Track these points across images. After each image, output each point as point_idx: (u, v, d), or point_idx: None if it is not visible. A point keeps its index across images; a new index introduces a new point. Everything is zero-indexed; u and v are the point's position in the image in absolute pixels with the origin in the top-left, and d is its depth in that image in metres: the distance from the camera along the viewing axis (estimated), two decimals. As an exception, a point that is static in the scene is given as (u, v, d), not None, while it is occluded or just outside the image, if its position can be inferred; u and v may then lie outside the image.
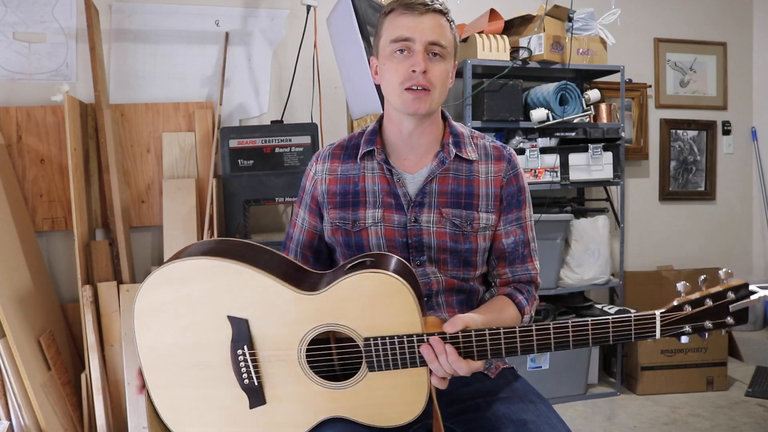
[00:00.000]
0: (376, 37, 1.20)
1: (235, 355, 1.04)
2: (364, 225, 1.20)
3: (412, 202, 1.19)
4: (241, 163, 2.53)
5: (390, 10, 1.16)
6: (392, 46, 1.13)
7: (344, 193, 1.23)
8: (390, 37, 1.14)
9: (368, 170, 1.23)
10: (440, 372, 0.99)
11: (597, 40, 2.93)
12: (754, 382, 3.04)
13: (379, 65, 1.19)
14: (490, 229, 1.21)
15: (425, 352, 0.98)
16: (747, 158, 3.81)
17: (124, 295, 2.41)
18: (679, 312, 0.96)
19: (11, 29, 2.59)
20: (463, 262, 1.20)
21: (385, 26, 1.16)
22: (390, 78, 1.15)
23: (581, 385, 2.94)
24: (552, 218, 2.80)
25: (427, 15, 1.12)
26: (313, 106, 2.84)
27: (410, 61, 1.12)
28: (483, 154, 1.23)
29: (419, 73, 1.11)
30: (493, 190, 1.21)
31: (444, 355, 0.98)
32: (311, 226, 1.29)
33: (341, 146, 1.28)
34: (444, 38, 1.14)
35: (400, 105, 1.15)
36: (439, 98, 1.16)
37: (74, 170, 2.36)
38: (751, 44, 3.80)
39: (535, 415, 1.08)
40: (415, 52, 1.11)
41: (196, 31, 2.80)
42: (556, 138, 2.90)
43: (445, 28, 1.15)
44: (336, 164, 1.26)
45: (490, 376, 1.19)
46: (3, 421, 2.18)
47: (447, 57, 1.15)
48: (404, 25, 1.12)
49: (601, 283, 2.99)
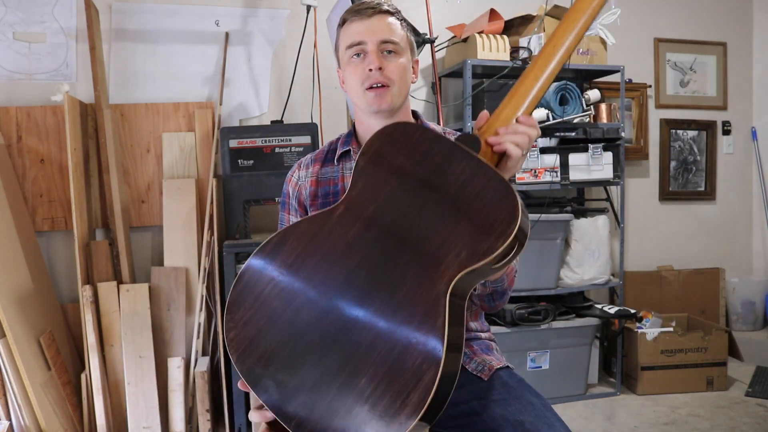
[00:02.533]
0: (336, 50, 1.28)
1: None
2: None
3: None
4: (241, 163, 2.53)
5: (343, 21, 1.24)
6: (348, 52, 1.21)
7: (325, 194, 1.28)
8: (345, 44, 1.22)
9: (346, 170, 1.28)
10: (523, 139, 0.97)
11: (597, 40, 2.93)
12: (754, 382, 3.04)
13: (342, 74, 1.26)
14: None
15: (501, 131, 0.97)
16: (747, 158, 3.81)
17: (124, 295, 2.41)
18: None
19: (11, 29, 2.59)
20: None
21: (341, 36, 1.24)
22: (351, 82, 1.22)
23: (581, 385, 2.94)
24: (552, 218, 2.80)
25: (375, 17, 1.20)
26: (313, 106, 2.84)
27: (365, 62, 1.19)
28: None
29: (375, 71, 1.18)
30: None
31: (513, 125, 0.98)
32: None
33: (322, 152, 1.34)
34: (394, 35, 1.20)
35: (364, 105, 1.22)
36: (400, 92, 1.22)
37: (74, 170, 2.36)
38: (751, 44, 3.79)
39: (533, 416, 1.07)
40: (369, 53, 1.19)
41: (196, 31, 2.80)
42: (556, 138, 2.90)
43: (395, 25, 1.22)
44: (317, 167, 1.31)
45: (483, 378, 1.18)
46: (3, 421, 2.18)
47: (401, 52, 1.22)
48: (356, 30, 1.20)
49: (601, 283, 2.99)
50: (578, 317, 2.90)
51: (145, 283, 2.47)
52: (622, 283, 3.06)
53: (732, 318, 3.64)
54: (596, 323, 2.93)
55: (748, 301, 3.61)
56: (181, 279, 2.53)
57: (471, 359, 1.20)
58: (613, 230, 3.15)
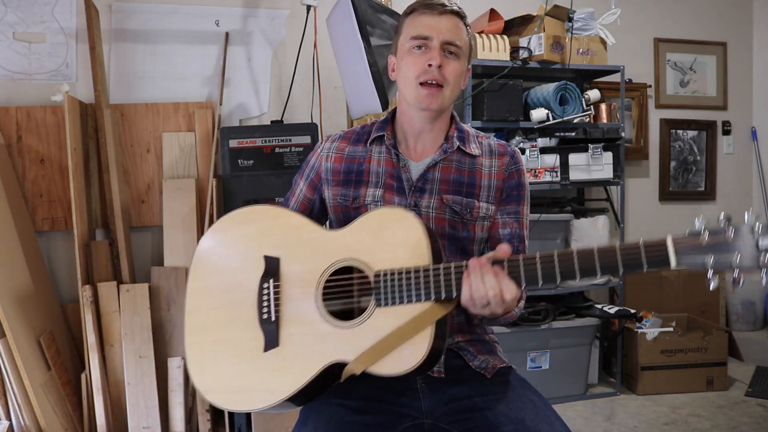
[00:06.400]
0: (396, 35, 1.27)
1: (260, 290, 1.11)
2: (364, 202, 1.24)
3: (414, 186, 1.23)
4: (241, 163, 2.53)
5: (411, 10, 1.23)
6: (411, 43, 1.20)
7: (348, 172, 1.28)
8: (410, 34, 1.20)
9: (375, 153, 1.27)
10: (480, 292, 0.98)
11: (597, 40, 2.93)
12: (754, 382, 3.04)
13: (396, 62, 1.26)
14: (489, 220, 1.24)
15: (472, 266, 0.99)
16: (747, 158, 3.81)
17: (124, 295, 2.41)
18: (694, 240, 0.86)
19: (11, 29, 2.59)
20: (461, 250, 1.23)
21: (406, 24, 1.23)
22: (407, 72, 1.21)
23: (581, 385, 2.94)
24: (552, 218, 2.80)
25: (445, 15, 1.19)
26: (313, 106, 2.84)
27: (427, 56, 1.18)
28: (487, 150, 1.28)
29: (435, 68, 1.17)
30: (495, 182, 1.25)
31: (491, 274, 0.97)
32: (306, 198, 1.33)
33: (353, 131, 1.34)
34: (460, 39, 1.20)
35: (413, 100, 1.21)
36: (451, 95, 1.22)
37: (74, 170, 2.36)
38: (751, 44, 3.79)
39: (533, 414, 1.08)
40: (432, 49, 1.18)
41: (196, 31, 2.80)
42: (556, 138, 2.90)
43: (461, 29, 1.21)
44: (344, 145, 1.31)
45: (487, 375, 1.19)
46: (3, 421, 2.18)
47: (461, 56, 1.21)
48: (424, 23, 1.19)
49: (601, 283, 2.99)
50: (578, 317, 2.90)
51: (145, 283, 2.46)
52: (622, 283, 3.06)
53: (732, 318, 3.65)
54: (596, 323, 2.93)
55: (748, 301, 3.61)
56: (181, 279, 2.53)
57: (475, 357, 1.22)
58: (613, 230, 3.15)
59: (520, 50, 2.80)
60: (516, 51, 2.82)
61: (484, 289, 0.97)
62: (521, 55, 2.79)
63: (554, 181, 2.81)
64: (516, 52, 2.82)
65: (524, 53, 2.79)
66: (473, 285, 0.98)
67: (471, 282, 0.99)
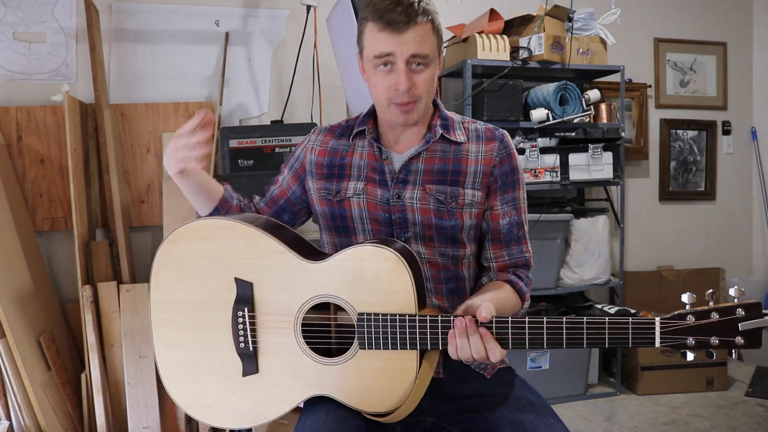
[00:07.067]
0: (359, 38, 1.18)
1: (235, 317, 1.08)
2: (345, 195, 1.23)
3: (396, 178, 1.21)
4: (241, 163, 2.53)
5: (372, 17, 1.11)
6: (375, 61, 1.13)
7: (330, 165, 1.28)
8: (372, 51, 1.13)
9: (358, 147, 1.27)
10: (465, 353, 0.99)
11: (597, 40, 2.93)
12: (754, 382, 3.04)
13: (365, 68, 1.20)
14: (477, 207, 1.22)
15: (459, 327, 0.99)
16: (747, 158, 3.81)
17: (124, 295, 2.41)
18: (681, 321, 0.93)
19: (11, 29, 2.59)
20: (450, 239, 1.21)
21: (367, 35, 1.14)
22: (376, 91, 1.17)
23: (581, 385, 2.94)
24: (552, 218, 2.80)
25: (407, 31, 1.09)
26: (313, 106, 2.84)
27: (393, 78, 1.12)
28: (474, 135, 1.25)
29: (404, 92, 1.12)
30: (482, 167, 1.22)
31: (477, 336, 0.98)
32: (288, 186, 1.34)
33: (338, 125, 1.34)
34: (426, 47, 1.12)
35: (388, 117, 1.19)
36: (427, 102, 1.19)
37: (74, 170, 2.36)
38: (751, 44, 3.79)
39: (533, 415, 1.08)
40: (398, 69, 1.11)
41: (196, 31, 2.80)
42: (556, 138, 2.90)
43: (427, 35, 1.12)
44: (329, 138, 1.31)
45: (486, 376, 1.19)
46: (3, 421, 2.18)
47: (431, 63, 1.14)
48: (385, 41, 1.10)
49: (601, 283, 2.99)
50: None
51: (145, 283, 2.46)
52: (622, 283, 3.06)
53: (732, 318, 3.64)
54: (596, 323, 2.92)
55: (748, 301, 3.61)
56: (181, 279, 2.52)
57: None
58: (613, 230, 3.15)
59: (520, 50, 2.80)
60: (516, 51, 2.82)
61: (469, 352, 0.99)
62: (521, 55, 2.79)
63: (554, 181, 2.81)
64: (516, 52, 2.82)
65: (524, 53, 2.79)
66: (459, 345, 0.99)
67: (456, 343, 0.99)
